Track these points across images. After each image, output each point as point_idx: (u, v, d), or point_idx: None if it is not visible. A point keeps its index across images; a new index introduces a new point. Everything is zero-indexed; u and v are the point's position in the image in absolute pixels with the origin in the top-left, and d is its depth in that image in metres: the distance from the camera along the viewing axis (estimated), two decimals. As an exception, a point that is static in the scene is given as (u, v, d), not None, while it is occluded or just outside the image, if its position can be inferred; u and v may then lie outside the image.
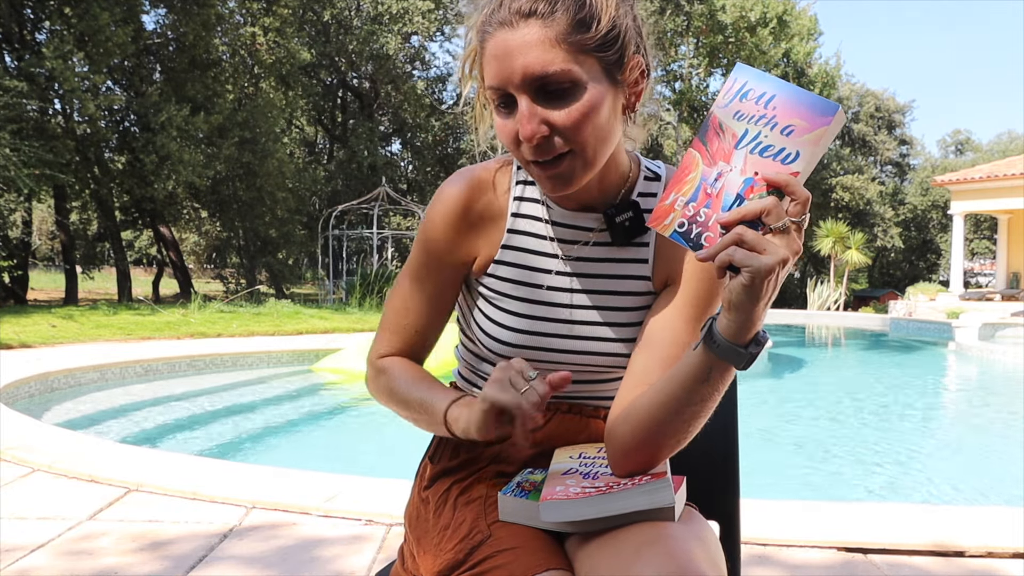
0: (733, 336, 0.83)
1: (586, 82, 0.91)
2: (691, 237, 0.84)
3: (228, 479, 3.11)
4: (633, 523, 0.89)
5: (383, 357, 1.14)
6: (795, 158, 0.81)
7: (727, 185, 0.84)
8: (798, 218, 0.80)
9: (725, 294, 0.81)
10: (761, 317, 0.83)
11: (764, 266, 0.78)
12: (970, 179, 20.24)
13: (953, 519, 2.66)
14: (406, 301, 1.11)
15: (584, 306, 1.06)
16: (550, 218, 1.06)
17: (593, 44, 0.91)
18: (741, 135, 0.84)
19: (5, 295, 15.39)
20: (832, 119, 0.81)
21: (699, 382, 0.88)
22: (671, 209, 0.86)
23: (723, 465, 1.22)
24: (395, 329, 1.12)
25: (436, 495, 1.09)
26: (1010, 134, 42.83)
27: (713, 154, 0.85)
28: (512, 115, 0.93)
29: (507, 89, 0.92)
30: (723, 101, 0.85)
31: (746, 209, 0.81)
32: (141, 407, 6.21)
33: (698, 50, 24.21)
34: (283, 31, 18.92)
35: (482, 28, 0.94)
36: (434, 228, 1.07)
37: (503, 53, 0.91)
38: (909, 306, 19.04)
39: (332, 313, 13.15)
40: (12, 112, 12.21)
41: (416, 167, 27.39)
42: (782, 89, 0.83)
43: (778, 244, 0.79)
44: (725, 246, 0.80)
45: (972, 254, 37.40)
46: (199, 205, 20.37)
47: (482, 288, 1.09)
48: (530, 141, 0.91)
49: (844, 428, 6.34)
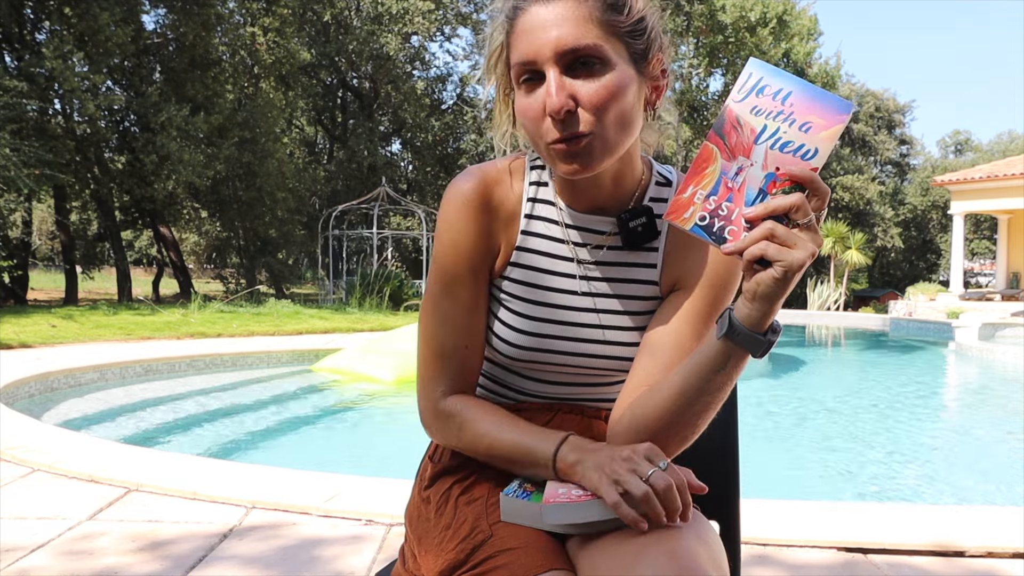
0: (754, 325, 0.85)
1: (615, 62, 0.92)
2: (713, 231, 0.85)
3: (228, 479, 3.11)
4: None
5: (444, 398, 1.05)
6: (814, 154, 0.83)
7: (748, 180, 0.85)
8: (819, 212, 0.83)
9: (751, 286, 0.83)
10: (780, 307, 0.85)
11: (797, 260, 0.80)
12: (970, 179, 20.25)
13: (953, 519, 2.66)
14: (446, 316, 1.04)
15: (597, 310, 1.05)
16: (564, 220, 1.06)
17: (624, 28, 0.93)
18: (760, 130, 0.84)
19: (5, 295, 15.38)
20: (847, 116, 0.83)
21: (715, 371, 0.89)
22: (691, 202, 0.86)
23: (723, 465, 1.22)
24: (440, 354, 1.05)
25: (437, 495, 1.08)
26: (1010, 134, 42.86)
27: (732, 148, 0.85)
28: (537, 91, 0.93)
29: (536, 63, 0.92)
30: (738, 96, 0.85)
31: (775, 204, 0.82)
32: (141, 407, 6.21)
33: (698, 50, 24.19)
34: (283, 31, 18.92)
35: (514, 7, 0.95)
36: (452, 228, 1.03)
37: (536, 26, 0.91)
38: (909, 306, 19.05)
39: (332, 313, 13.15)
40: (12, 112, 12.21)
41: (416, 167, 27.39)
42: (798, 85, 0.84)
43: (806, 239, 0.81)
44: (755, 240, 0.82)
45: (972, 254, 37.41)
46: (199, 205, 20.38)
47: (495, 291, 1.07)
48: (557, 113, 0.90)
49: (844, 428, 6.33)
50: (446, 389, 1.06)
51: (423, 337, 1.07)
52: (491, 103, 1.07)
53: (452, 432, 1.04)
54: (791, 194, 0.82)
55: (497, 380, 1.13)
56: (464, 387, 1.07)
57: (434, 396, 1.06)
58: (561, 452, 0.95)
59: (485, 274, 1.06)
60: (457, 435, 1.04)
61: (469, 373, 1.07)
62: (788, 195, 0.82)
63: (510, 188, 1.06)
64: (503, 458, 1.00)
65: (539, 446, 0.96)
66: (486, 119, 1.08)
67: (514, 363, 1.08)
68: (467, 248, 1.03)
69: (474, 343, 1.06)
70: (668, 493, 0.84)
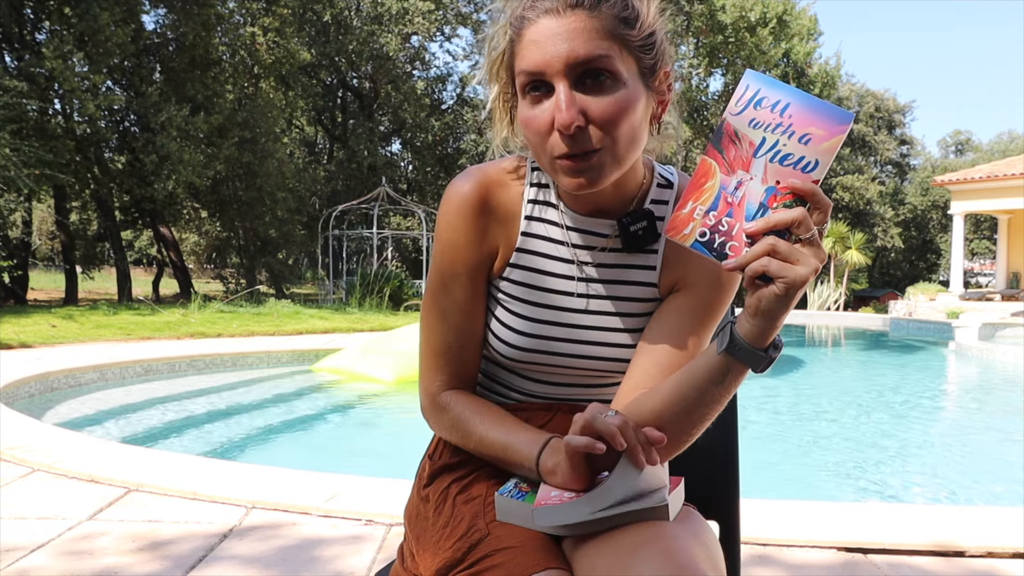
0: (755, 340, 0.84)
1: (625, 77, 0.91)
2: (714, 247, 0.84)
3: (228, 479, 3.11)
4: (631, 523, 0.89)
5: (441, 392, 1.08)
6: (815, 167, 0.82)
7: (748, 194, 0.83)
8: (822, 226, 0.82)
9: (753, 301, 0.82)
10: (783, 323, 0.84)
11: (799, 277, 0.79)
12: (970, 179, 20.25)
13: (953, 519, 2.66)
14: (443, 315, 1.06)
15: (596, 311, 1.05)
16: (565, 223, 1.05)
17: (635, 43, 0.91)
18: (759, 143, 0.83)
19: (5, 295, 15.38)
20: (848, 127, 0.81)
21: (714, 383, 0.88)
22: (690, 218, 0.85)
23: (723, 465, 1.22)
24: (439, 351, 1.07)
25: (436, 493, 1.08)
26: (1010, 134, 42.84)
27: (731, 162, 0.84)
28: (543, 104, 0.91)
29: (545, 75, 0.90)
30: (736, 109, 0.84)
31: (776, 219, 0.81)
32: (141, 407, 6.21)
33: (698, 50, 24.19)
34: (283, 31, 18.92)
35: (521, 16, 0.92)
36: (451, 228, 1.03)
37: (547, 38, 0.89)
38: (909, 306, 19.05)
39: (332, 313, 13.15)
40: (12, 112, 12.20)
41: (416, 167, 27.39)
42: (796, 97, 0.83)
43: (808, 254, 0.80)
44: (756, 256, 0.80)
45: (972, 254, 37.40)
46: (199, 205, 20.37)
47: (496, 292, 1.07)
48: (567, 129, 0.88)
49: (844, 428, 6.33)
50: (443, 383, 1.08)
51: (423, 332, 1.09)
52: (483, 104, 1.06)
53: (445, 425, 1.07)
54: (793, 208, 0.81)
55: (497, 380, 1.13)
56: (461, 383, 1.09)
57: (432, 390, 1.09)
58: (543, 456, 0.95)
59: (483, 275, 1.06)
60: (450, 429, 1.07)
61: (467, 370, 1.09)
62: (789, 209, 0.81)
63: (510, 189, 1.06)
64: (491, 457, 1.03)
65: (524, 450, 0.98)
66: (484, 119, 1.07)
67: (513, 363, 1.08)
68: (465, 249, 1.04)
69: (471, 342, 1.07)
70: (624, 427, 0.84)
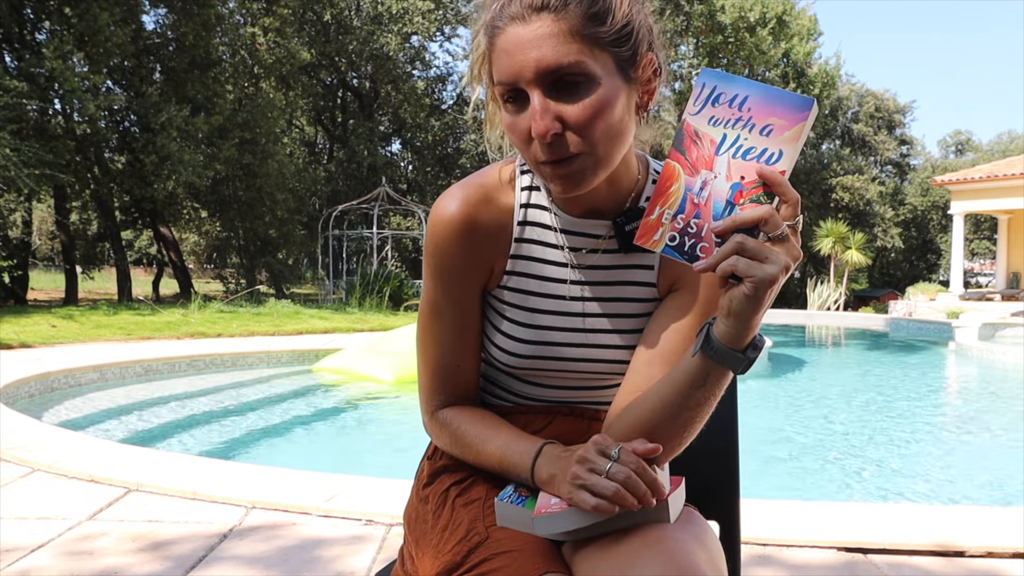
0: (731, 341, 0.83)
1: (600, 77, 0.88)
2: (685, 250, 0.83)
3: (228, 479, 3.11)
4: (631, 526, 0.89)
5: (441, 409, 1.08)
6: (779, 157, 0.80)
7: (714, 193, 0.82)
8: (792, 221, 0.80)
9: (724, 301, 0.81)
10: (759, 323, 0.82)
11: (768, 275, 0.77)
12: (970, 179, 20.24)
13: (953, 519, 2.66)
14: (437, 338, 1.06)
15: (595, 314, 1.05)
16: (558, 225, 1.04)
17: (607, 39, 0.88)
18: (720, 140, 0.82)
19: (5, 295, 15.38)
20: (809, 114, 0.79)
21: (696, 387, 0.88)
22: (659, 224, 0.84)
23: (723, 465, 1.22)
24: (436, 370, 1.07)
25: (435, 494, 1.08)
26: (1010, 134, 42.83)
27: (694, 163, 0.83)
28: (522, 112, 0.90)
29: (518, 84, 0.88)
30: (694, 108, 0.83)
31: (740, 217, 0.80)
32: (141, 407, 6.21)
33: (698, 50, 24.19)
34: (283, 31, 18.92)
35: (492, 24, 0.91)
36: (440, 254, 1.02)
37: (515, 47, 0.88)
38: (909, 306, 19.05)
39: (332, 313, 13.15)
40: (12, 112, 12.20)
41: (416, 167, 27.40)
42: (753, 89, 0.81)
43: (779, 252, 0.78)
44: (725, 255, 0.79)
45: (972, 254, 37.40)
46: (199, 205, 20.38)
47: (493, 301, 1.07)
48: (543, 138, 0.87)
49: (844, 428, 6.33)
50: (442, 402, 1.09)
51: (420, 353, 1.09)
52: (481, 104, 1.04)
53: (445, 442, 1.08)
54: (759, 208, 0.79)
55: (496, 384, 1.13)
56: (460, 400, 1.09)
57: (431, 407, 1.10)
58: (537, 467, 0.96)
59: (476, 294, 1.05)
60: (450, 445, 1.08)
61: (465, 387, 1.09)
62: (755, 206, 0.80)
63: (499, 200, 1.04)
64: (491, 468, 1.03)
65: (519, 461, 0.98)
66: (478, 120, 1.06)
67: (513, 369, 1.07)
68: (457, 274, 1.03)
69: (467, 362, 1.07)
70: (629, 482, 0.84)
